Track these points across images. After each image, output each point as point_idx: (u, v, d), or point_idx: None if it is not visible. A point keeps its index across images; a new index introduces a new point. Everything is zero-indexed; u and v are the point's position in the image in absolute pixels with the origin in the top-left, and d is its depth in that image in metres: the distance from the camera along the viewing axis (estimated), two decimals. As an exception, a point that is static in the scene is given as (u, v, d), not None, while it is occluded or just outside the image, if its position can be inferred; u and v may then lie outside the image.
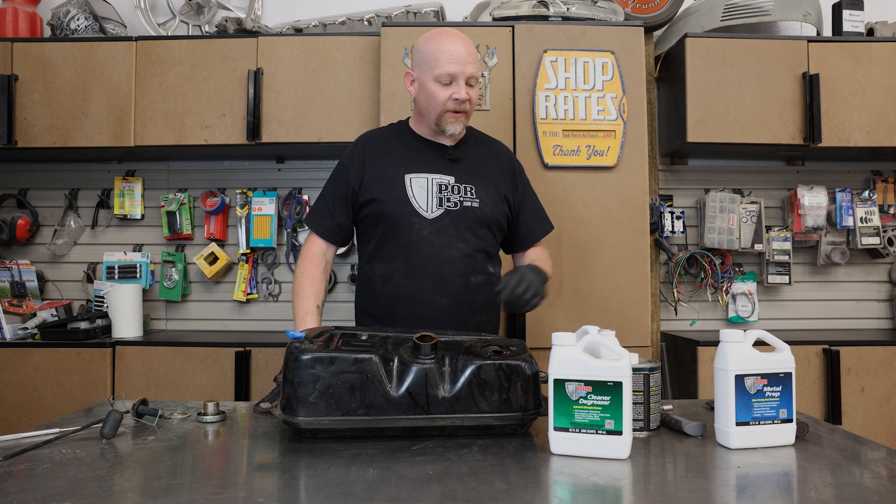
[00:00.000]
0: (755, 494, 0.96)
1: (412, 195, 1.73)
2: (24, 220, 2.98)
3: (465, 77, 1.69)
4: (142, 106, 2.70)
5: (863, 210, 2.94)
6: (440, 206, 1.73)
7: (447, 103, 1.70)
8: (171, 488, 0.97)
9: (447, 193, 1.74)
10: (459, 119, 1.73)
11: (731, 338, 1.18)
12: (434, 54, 1.70)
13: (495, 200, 1.78)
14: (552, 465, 1.09)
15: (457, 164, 1.78)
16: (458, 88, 1.69)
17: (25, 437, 1.23)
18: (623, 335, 1.37)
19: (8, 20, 2.83)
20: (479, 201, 1.75)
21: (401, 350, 1.27)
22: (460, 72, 1.68)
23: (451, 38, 1.71)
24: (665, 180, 3.06)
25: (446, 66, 1.68)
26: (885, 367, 2.55)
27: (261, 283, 3.02)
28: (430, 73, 1.70)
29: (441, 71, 1.69)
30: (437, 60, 1.69)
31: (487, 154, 1.85)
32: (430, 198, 1.73)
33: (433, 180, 1.74)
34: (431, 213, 1.72)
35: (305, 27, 2.84)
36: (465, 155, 1.80)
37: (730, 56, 2.67)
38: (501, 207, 1.80)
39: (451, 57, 1.68)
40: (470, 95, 1.71)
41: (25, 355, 2.52)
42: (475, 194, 1.75)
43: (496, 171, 1.83)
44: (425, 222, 1.71)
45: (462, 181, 1.76)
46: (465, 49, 1.70)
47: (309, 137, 2.68)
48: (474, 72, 1.71)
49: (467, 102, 1.71)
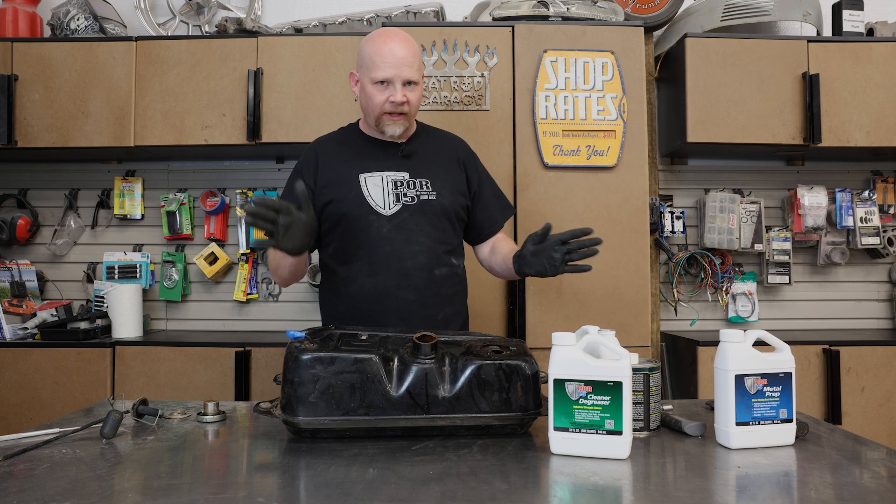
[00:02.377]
0: (755, 494, 0.96)
1: (368, 193, 1.72)
2: (24, 220, 2.97)
3: (402, 80, 1.67)
4: (142, 106, 2.70)
5: (863, 210, 2.94)
6: (397, 201, 1.73)
7: (384, 105, 1.69)
8: (171, 488, 0.97)
9: (403, 189, 1.74)
10: (398, 121, 1.72)
11: (731, 338, 1.18)
12: (371, 57, 1.69)
13: (451, 191, 1.78)
14: (552, 465, 1.09)
15: (410, 160, 1.78)
16: (395, 91, 1.67)
17: (25, 437, 1.23)
18: (623, 335, 1.37)
19: (8, 20, 2.83)
20: (436, 193, 1.75)
21: (401, 350, 1.27)
22: (396, 75, 1.67)
23: (389, 41, 1.69)
24: (665, 180, 3.06)
25: (382, 69, 1.67)
26: (885, 367, 2.55)
27: (261, 283, 3.03)
28: (368, 75, 1.70)
29: (377, 74, 1.67)
30: (373, 63, 1.68)
31: (439, 147, 1.85)
32: (387, 195, 1.73)
33: (388, 178, 1.74)
34: (389, 209, 1.72)
35: (305, 27, 2.84)
36: (417, 150, 1.80)
37: (730, 56, 2.67)
38: (458, 198, 1.80)
39: (386, 60, 1.66)
40: (408, 98, 1.69)
41: (25, 355, 2.52)
42: (431, 187, 1.75)
43: (449, 162, 1.83)
44: (384, 219, 1.71)
45: (417, 176, 1.76)
46: (402, 51, 1.68)
47: (309, 137, 2.65)
48: (411, 75, 1.68)
49: (405, 104, 1.69)
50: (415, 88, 1.71)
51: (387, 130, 1.73)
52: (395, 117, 1.71)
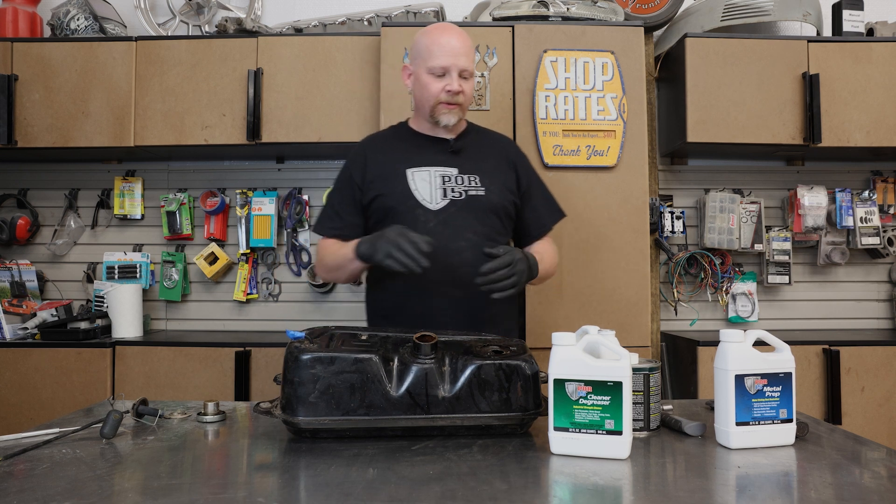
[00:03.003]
0: (755, 494, 0.96)
1: (415, 188, 1.73)
2: (24, 220, 2.97)
3: (458, 69, 1.71)
4: (142, 106, 2.70)
5: (863, 210, 2.94)
6: (444, 196, 1.73)
7: (440, 95, 1.71)
8: (171, 488, 0.97)
9: (451, 184, 1.74)
10: (453, 111, 1.74)
11: (731, 338, 1.18)
12: (428, 47, 1.72)
13: (501, 188, 1.79)
14: (552, 465, 1.09)
15: (459, 156, 1.79)
16: (451, 80, 1.71)
17: (25, 437, 1.23)
18: (623, 335, 1.37)
19: (8, 20, 2.83)
20: (484, 189, 1.75)
21: (401, 350, 1.27)
22: (453, 64, 1.70)
23: (446, 32, 1.73)
24: (665, 180, 3.06)
25: (439, 58, 1.70)
26: (885, 367, 2.55)
27: (261, 283, 3.03)
28: (424, 65, 1.73)
29: (434, 63, 1.71)
30: (430, 53, 1.71)
31: (489, 145, 1.87)
32: (434, 189, 1.73)
33: (436, 172, 1.75)
34: (436, 204, 1.72)
35: (305, 27, 2.84)
36: (467, 146, 1.81)
37: (730, 56, 2.67)
38: (507, 195, 1.80)
39: (444, 49, 1.70)
40: (463, 88, 1.72)
41: (25, 355, 2.52)
42: (480, 183, 1.76)
43: (498, 160, 1.84)
44: (430, 214, 1.71)
45: (466, 171, 1.77)
46: (459, 42, 1.72)
47: (309, 137, 2.68)
48: (467, 65, 1.72)
49: (460, 94, 1.72)
50: (469, 80, 1.75)
51: (441, 120, 1.74)
52: (450, 106, 1.73)
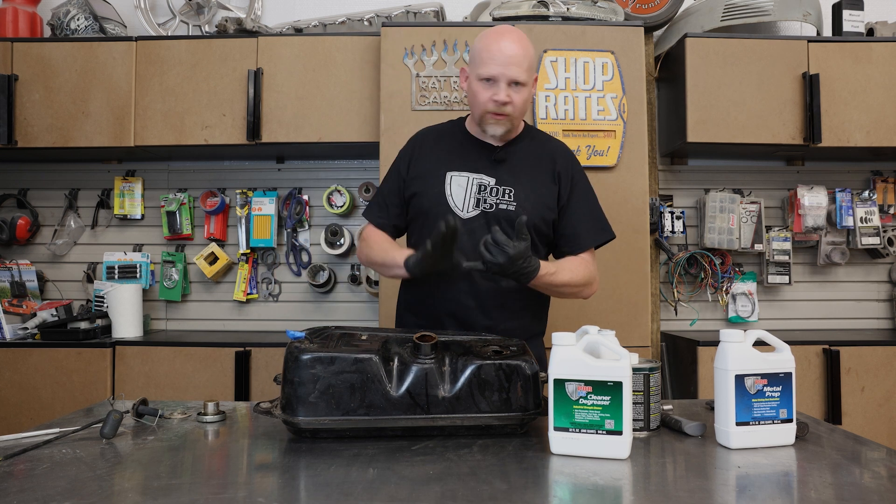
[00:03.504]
0: (755, 494, 0.96)
1: (450, 193, 1.70)
2: (24, 220, 2.98)
3: (508, 79, 1.62)
4: (142, 106, 2.70)
5: (863, 210, 2.94)
6: (477, 206, 1.70)
7: (487, 104, 1.65)
8: (171, 488, 0.97)
9: (485, 195, 1.70)
10: (501, 121, 1.67)
11: (731, 338, 1.18)
12: (480, 53, 1.65)
13: (535, 204, 1.71)
14: (552, 465, 1.09)
15: (501, 166, 1.73)
16: (499, 90, 1.63)
17: (25, 437, 1.23)
18: (623, 335, 1.37)
19: (8, 20, 2.83)
20: (515, 204, 1.70)
21: (401, 350, 1.27)
22: (501, 73, 1.62)
23: (501, 38, 1.64)
24: (665, 180, 3.06)
25: (488, 66, 1.63)
26: (885, 367, 2.54)
27: (261, 283, 3.02)
28: (475, 71, 1.67)
29: (483, 71, 1.63)
30: (481, 59, 1.65)
31: (537, 154, 1.78)
32: (468, 197, 1.70)
33: (473, 180, 1.71)
34: (467, 212, 1.69)
35: (305, 27, 2.84)
36: (513, 156, 1.75)
37: (730, 56, 2.67)
38: (541, 211, 1.72)
39: (494, 57, 1.62)
40: (512, 98, 1.63)
41: (25, 355, 2.52)
42: (513, 197, 1.70)
43: (542, 173, 1.76)
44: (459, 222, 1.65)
45: (503, 183, 1.72)
46: (512, 49, 1.62)
47: (309, 137, 2.68)
48: (518, 75, 1.62)
49: (509, 105, 1.64)
50: (521, 90, 1.65)
51: (488, 130, 1.69)
52: (498, 117, 1.66)
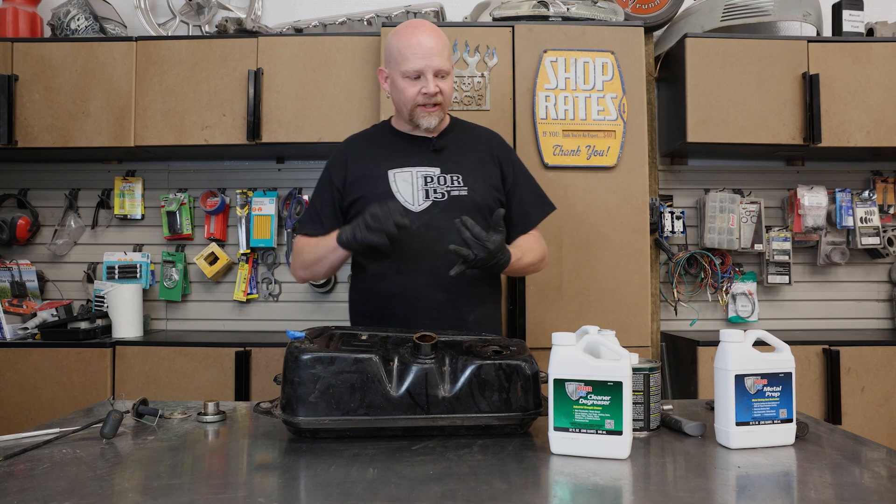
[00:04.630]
0: (755, 494, 0.96)
1: (397, 189, 1.70)
2: (24, 220, 2.98)
3: (433, 70, 1.65)
4: (142, 106, 2.70)
5: (863, 210, 2.94)
6: (427, 198, 1.70)
7: (417, 98, 1.67)
8: (171, 488, 0.97)
9: (433, 185, 1.71)
10: (433, 113, 1.69)
11: (731, 338, 1.18)
12: (400, 49, 1.67)
13: (484, 186, 1.75)
14: (552, 465, 1.09)
15: (441, 155, 1.75)
16: (427, 83, 1.65)
17: (25, 437, 1.23)
18: (623, 335, 1.37)
19: (8, 20, 2.83)
20: (467, 188, 1.72)
21: (401, 350, 1.27)
22: (426, 66, 1.64)
23: (417, 32, 1.67)
24: (665, 180, 3.06)
25: (412, 61, 1.64)
26: (885, 367, 2.54)
27: (261, 283, 3.03)
28: (398, 69, 1.68)
29: (407, 67, 1.65)
30: (402, 56, 1.66)
31: (472, 141, 1.82)
32: (416, 191, 1.70)
33: (417, 173, 1.72)
34: (418, 205, 1.69)
35: (305, 27, 2.84)
36: (450, 144, 1.77)
37: (730, 56, 2.67)
38: (492, 193, 1.76)
39: (415, 52, 1.64)
40: (441, 88, 1.67)
41: (25, 355, 2.52)
42: (462, 182, 1.72)
43: (483, 157, 1.79)
44: (413, 216, 1.67)
45: (448, 171, 1.73)
46: (431, 41, 1.65)
47: (309, 137, 2.68)
48: (442, 64, 1.66)
49: (438, 95, 1.67)
50: (446, 78, 1.69)
51: (422, 123, 1.71)
52: (429, 109, 1.69)
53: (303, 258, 1.75)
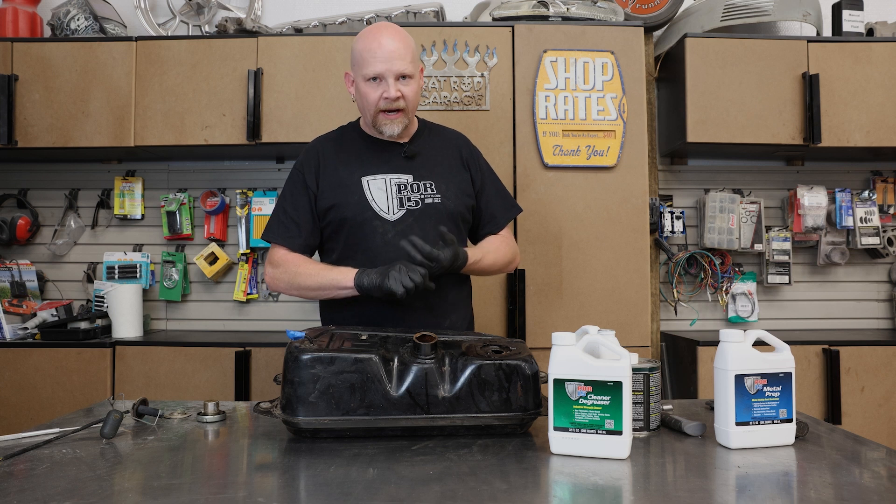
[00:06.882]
0: (755, 494, 0.96)
1: (372, 198, 1.67)
2: (24, 220, 2.97)
3: (394, 74, 1.60)
4: (142, 106, 2.70)
5: (862, 210, 2.94)
6: (401, 206, 1.67)
7: (379, 103, 1.63)
8: (171, 488, 0.97)
9: (407, 193, 1.68)
10: (395, 119, 1.65)
11: (730, 338, 1.18)
12: (361, 53, 1.63)
13: (457, 193, 1.73)
14: (552, 464, 1.09)
15: (414, 162, 1.71)
16: (388, 87, 1.60)
17: (25, 437, 1.23)
18: (623, 335, 1.37)
19: (8, 20, 2.83)
20: (440, 196, 1.69)
21: (401, 350, 1.27)
22: (387, 69, 1.60)
23: (379, 35, 1.62)
24: (665, 180, 3.06)
25: (372, 65, 1.60)
26: (885, 367, 2.55)
27: (261, 283, 3.02)
28: (360, 73, 1.64)
29: (368, 70, 1.61)
30: (364, 60, 1.62)
31: (442, 145, 1.79)
32: (391, 199, 1.67)
33: (391, 181, 1.69)
34: (393, 214, 1.66)
35: (305, 27, 2.84)
36: (421, 150, 1.74)
37: (730, 56, 2.67)
38: (463, 200, 1.74)
39: (376, 55, 1.60)
40: (403, 92, 1.62)
41: (25, 355, 2.52)
42: (436, 189, 1.69)
43: (453, 162, 1.77)
44: (388, 225, 1.65)
45: (421, 178, 1.70)
46: (393, 44, 1.60)
47: (309, 137, 2.63)
48: (404, 67, 1.61)
49: (400, 100, 1.62)
50: (410, 82, 1.64)
51: (385, 130, 1.66)
52: (391, 115, 1.65)
53: (298, 282, 1.66)
